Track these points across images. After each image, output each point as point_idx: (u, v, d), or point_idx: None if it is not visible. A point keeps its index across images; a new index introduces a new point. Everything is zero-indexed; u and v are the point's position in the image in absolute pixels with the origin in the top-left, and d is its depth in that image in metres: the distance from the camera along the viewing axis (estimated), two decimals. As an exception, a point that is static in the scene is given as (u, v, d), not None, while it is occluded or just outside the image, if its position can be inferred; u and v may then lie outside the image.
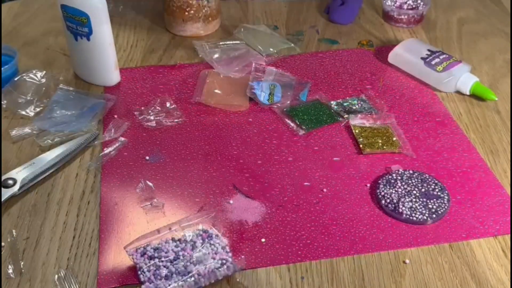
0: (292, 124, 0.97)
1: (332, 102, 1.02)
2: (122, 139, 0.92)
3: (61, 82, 1.04)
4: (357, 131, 0.95)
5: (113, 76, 1.04)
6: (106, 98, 1.00)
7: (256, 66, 1.07)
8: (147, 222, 0.79)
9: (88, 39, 0.98)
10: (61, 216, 0.81)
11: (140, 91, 1.04)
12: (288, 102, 1.01)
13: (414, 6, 1.26)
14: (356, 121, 0.97)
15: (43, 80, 1.04)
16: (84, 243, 0.77)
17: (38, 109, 0.98)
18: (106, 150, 0.90)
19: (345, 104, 1.02)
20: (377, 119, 0.97)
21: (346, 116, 0.98)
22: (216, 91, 1.03)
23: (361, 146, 0.92)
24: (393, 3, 1.27)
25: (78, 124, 0.95)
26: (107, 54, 1.01)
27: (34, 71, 1.05)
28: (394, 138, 0.93)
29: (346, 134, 0.96)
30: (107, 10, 0.98)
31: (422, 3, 1.26)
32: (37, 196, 0.84)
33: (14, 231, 0.78)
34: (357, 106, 1.01)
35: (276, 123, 0.98)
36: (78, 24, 0.97)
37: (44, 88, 1.02)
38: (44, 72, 1.05)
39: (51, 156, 0.88)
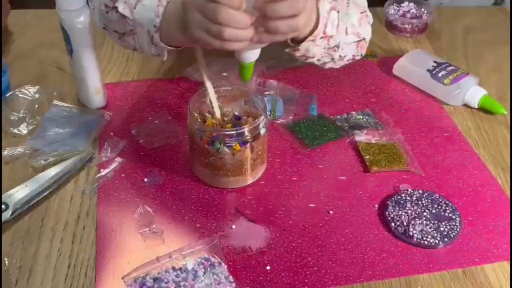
0: (295, 141, 0.94)
1: (336, 116, 0.99)
2: (119, 159, 0.88)
3: (54, 98, 1.00)
4: (363, 147, 0.92)
5: (94, 100, 0.98)
6: (101, 114, 0.96)
7: (258, 79, 1.03)
8: (145, 250, 0.76)
9: (71, 57, 0.94)
10: (55, 243, 0.77)
11: (137, 106, 1.00)
12: (291, 117, 0.98)
13: (417, 14, 1.23)
14: (361, 137, 0.93)
15: (36, 96, 1.00)
16: (79, 273, 0.73)
17: (31, 127, 0.95)
18: (102, 172, 0.86)
19: (349, 118, 0.98)
20: (384, 135, 0.94)
21: (351, 131, 0.95)
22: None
23: (367, 163, 0.89)
24: (396, 12, 1.24)
25: (72, 143, 0.91)
26: (86, 77, 0.96)
27: (26, 87, 1.01)
28: (402, 155, 0.90)
29: (351, 150, 0.92)
30: (89, 33, 0.91)
31: (426, 12, 1.23)
32: (30, 221, 0.80)
33: (6, 259, 0.75)
34: (362, 121, 0.98)
35: (279, 140, 0.94)
36: (65, 37, 0.92)
37: (37, 105, 0.98)
38: (37, 87, 1.01)
39: (44, 178, 0.84)
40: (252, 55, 0.79)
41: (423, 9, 1.24)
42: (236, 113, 0.86)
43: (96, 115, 0.96)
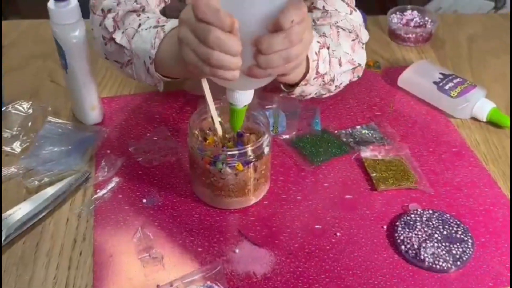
0: (299, 157, 0.91)
1: (340, 131, 0.96)
2: (116, 179, 0.85)
3: (49, 114, 0.96)
4: (369, 164, 0.89)
5: (89, 117, 0.95)
6: (97, 131, 0.93)
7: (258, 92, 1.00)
8: (145, 277, 0.72)
9: (66, 72, 0.91)
10: (51, 269, 0.74)
11: (134, 121, 0.97)
12: (294, 132, 0.95)
13: (421, 23, 1.20)
14: (367, 153, 0.90)
15: (30, 111, 0.97)
16: (76, 302, 0.70)
17: (25, 145, 0.91)
18: (99, 193, 0.83)
19: (354, 133, 0.95)
20: (390, 150, 0.91)
21: (356, 147, 0.92)
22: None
23: (374, 181, 0.86)
24: (399, 21, 1.21)
25: (68, 161, 0.87)
26: (82, 93, 0.92)
27: (20, 102, 0.98)
28: (410, 172, 0.87)
29: (357, 167, 0.89)
30: (85, 47, 0.88)
31: (430, 21, 1.20)
32: (25, 246, 0.77)
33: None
34: (367, 136, 0.95)
35: (282, 157, 0.91)
36: (59, 51, 0.89)
37: (30, 122, 0.94)
38: (31, 102, 0.98)
39: (39, 199, 0.81)
40: (244, 97, 0.71)
41: (426, 18, 1.21)
42: (239, 130, 0.82)
43: (92, 132, 0.93)
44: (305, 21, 0.63)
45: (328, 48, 0.82)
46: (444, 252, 0.75)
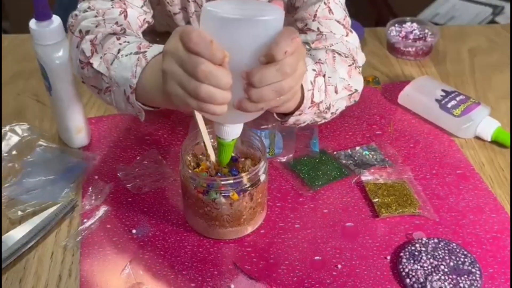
0: (296, 181, 0.86)
1: (340, 152, 0.91)
2: (104, 207, 0.80)
3: (35, 140, 0.91)
4: (370, 189, 0.84)
5: (75, 140, 0.90)
6: (86, 157, 0.88)
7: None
8: (135, 317, 0.68)
9: (50, 94, 0.86)
10: (34, 309, 0.69)
11: (124, 143, 0.93)
12: (291, 154, 0.90)
13: (421, 35, 1.16)
14: (368, 176, 0.86)
15: (26, 135, 0.92)
16: None
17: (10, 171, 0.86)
18: (86, 223, 0.78)
19: (354, 155, 0.91)
20: (392, 174, 0.87)
21: (357, 170, 0.88)
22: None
23: (376, 208, 0.82)
24: (398, 33, 1.17)
25: (53, 190, 0.82)
26: (66, 116, 0.88)
27: (18, 124, 0.93)
28: (413, 197, 0.83)
29: (358, 192, 0.85)
30: (69, 68, 0.83)
31: (429, 33, 1.16)
32: (7, 283, 0.72)
33: (-22, 330, 0.67)
34: (368, 157, 0.90)
35: (279, 181, 0.87)
36: (42, 72, 0.84)
37: (15, 151, 0.89)
38: (29, 126, 0.93)
39: (22, 232, 0.76)
40: (232, 131, 0.67)
41: (426, 30, 1.17)
42: (233, 155, 0.78)
43: (81, 158, 0.88)
44: (299, 51, 0.60)
45: (324, 76, 0.79)
46: (451, 285, 0.71)
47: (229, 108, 0.60)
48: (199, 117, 0.73)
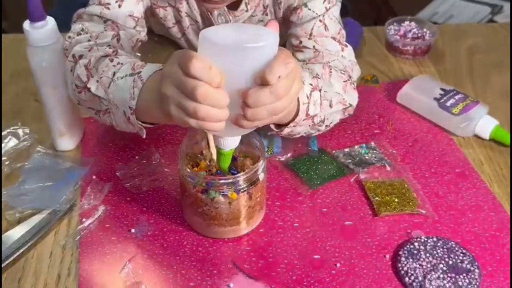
0: (295, 180, 0.86)
1: (338, 151, 0.91)
2: (103, 207, 0.80)
3: (33, 146, 0.90)
4: (369, 187, 0.85)
5: (59, 144, 0.90)
6: (85, 163, 0.87)
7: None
8: (134, 316, 0.68)
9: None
10: (33, 308, 0.69)
11: (122, 143, 0.92)
12: (290, 154, 0.90)
13: (419, 35, 1.16)
14: (367, 175, 0.86)
15: (26, 138, 0.92)
16: None
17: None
18: (85, 222, 0.78)
19: (353, 154, 0.91)
20: (391, 172, 0.87)
21: (356, 168, 0.88)
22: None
23: (375, 206, 0.82)
24: (396, 32, 1.17)
25: (52, 198, 0.81)
26: (49, 119, 0.88)
27: (19, 127, 0.93)
28: (412, 195, 0.83)
29: (357, 190, 0.85)
30: (56, 72, 0.83)
31: (428, 32, 1.16)
32: (6, 283, 0.72)
33: (-23, 330, 0.67)
34: (367, 156, 0.90)
35: (278, 180, 0.87)
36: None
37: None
38: (28, 130, 0.93)
39: (21, 232, 0.76)
40: (231, 142, 0.69)
41: (425, 29, 1.17)
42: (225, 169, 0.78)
43: (79, 164, 0.87)
44: (293, 73, 0.62)
45: (320, 90, 0.79)
46: (450, 284, 0.71)
47: (227, 123, 0.62)
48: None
